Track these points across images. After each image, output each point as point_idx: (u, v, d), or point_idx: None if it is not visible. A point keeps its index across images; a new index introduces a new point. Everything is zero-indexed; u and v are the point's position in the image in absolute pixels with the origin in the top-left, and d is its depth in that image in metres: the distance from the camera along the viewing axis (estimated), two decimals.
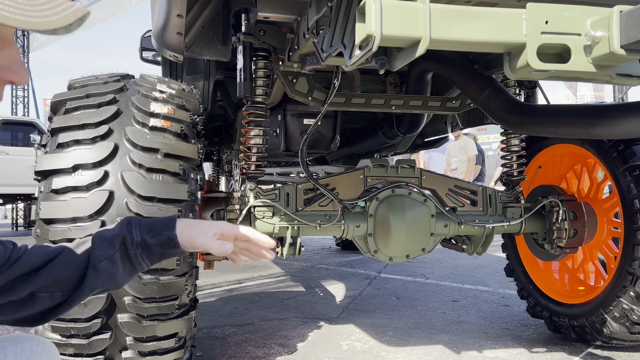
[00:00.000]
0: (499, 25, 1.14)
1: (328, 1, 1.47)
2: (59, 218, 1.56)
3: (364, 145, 3.63)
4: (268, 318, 3.21)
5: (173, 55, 1.82)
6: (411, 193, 2.35)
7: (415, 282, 4.37)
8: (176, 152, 1.75)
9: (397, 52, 1.25)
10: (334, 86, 2.27)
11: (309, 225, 2.27)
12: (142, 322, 1.65)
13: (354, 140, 3.56)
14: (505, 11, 1.15)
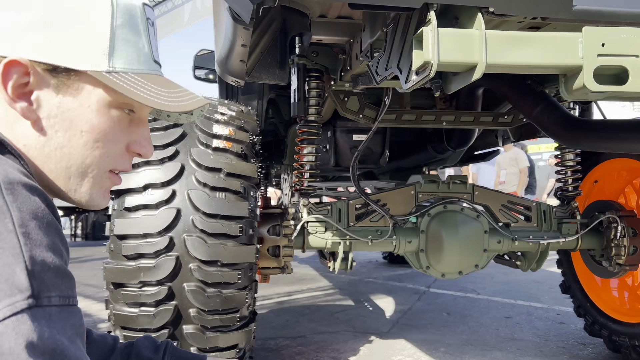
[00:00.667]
0: (554, 49, 1.16)
1: (383, 26, 1.53)
2: (131, 234, 1.68)
3: (413, 160, 3.65)
4: (319, 331, 3.26)
5: (235, 81, 1.92)
6: (463, 209, 2.36)
7: (466, 298, 4.32)
8: (237, 171, 1.85)
9: (453, 75, 1.29)
10: (385, 104, 2.32)
11: (361, 240, 2.31)
12: (206, 333, 1.73)
13: (403, 154, 3.59)
14: (561, 35, 1.17)
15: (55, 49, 0.62)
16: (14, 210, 0.49)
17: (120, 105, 0.66)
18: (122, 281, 1.68)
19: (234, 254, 1.76)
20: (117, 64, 0.64)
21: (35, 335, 0.46)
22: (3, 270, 0.46)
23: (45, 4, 0.62)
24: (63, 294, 0.51)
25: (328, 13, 1.89)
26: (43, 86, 0.63)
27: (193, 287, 1.69)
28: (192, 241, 1.69)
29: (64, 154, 0.64)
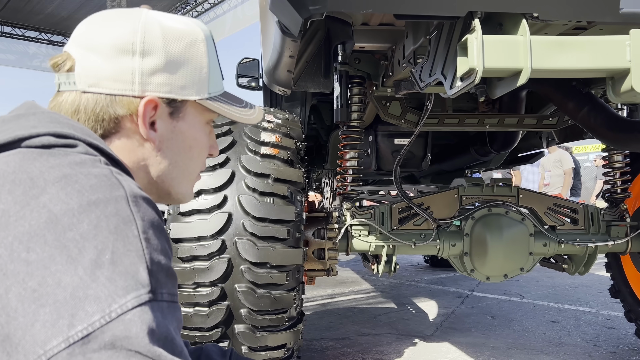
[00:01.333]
0: (601, 53, 1.17)
1: (426, 33, 1.56)
2: (186, 237, 1.76)
3: (455, 163, 3.64)
4: (363, 333, 3.29)
5: (282, 90, 1.99)
6: (508, 212, 2.35)
7: (511, 302, 4.26)
8: (284, 176, 1.91)
9: (498, 81, 1.31)
10: (427, 108, 2.34)
11: (404, 243, 2.34)
12: (256, 332, 1.80)
13: (445, 157, 3.58)
14: (608, 39, 1.18)
15: (173, 86, 0.76)
16: (138, 219, 0.57)
17: (210, 121, 0.82)
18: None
19: (282, 257, 1.82)
20: (211, 89, 0.78)
21: (154, 324, 0.53)
22: (130, 268, 0.54)
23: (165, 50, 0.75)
24: (171, 291, 0.59)
25: (370, 21, 1.93)
26: (163, 115, 0.76)
27: (244, 288, 1.76)
28: (242, 244, 1.77)
29: (176, 166, 0.78)
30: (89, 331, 0.50)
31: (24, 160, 0.59)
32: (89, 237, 0.53)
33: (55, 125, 0.65)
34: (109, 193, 0.57)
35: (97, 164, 0.61)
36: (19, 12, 12.92)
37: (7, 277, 0.51)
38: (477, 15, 1.21)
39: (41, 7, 12.66)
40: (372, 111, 2.63)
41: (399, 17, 1.27)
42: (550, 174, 8.25)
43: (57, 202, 0.55)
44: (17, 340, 0.50)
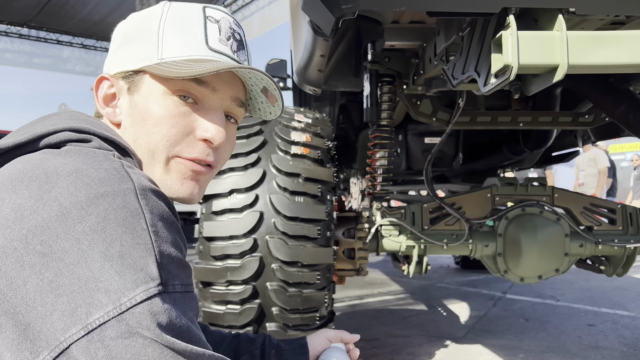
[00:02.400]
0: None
1: (458, 30, 1.54)
2: (218, 236, 1.79)
3: (487, 162, 3.58)
4: (393, 334, 3.27)
5: (313, 90, 2.00)
6: (543, 212, 2.30)
7: (545, 304, 4.17)
8: (315, 176, 1.92)
9: (533, 77, 1.28)
10: (459, 106, 2.31)
11: (436, 244, 2.32)
12: (288, 331, 1.81)
13: (477, 156, 3.53)
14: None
15: (125, 60, 0.75)
16: (146, 212, 0.58)
17: (177, 92, 0.71)
18: (210, 280, 1.79)
19: (313, 255, 1.82)
20: (165, 55, 0.72)
21: (166, 316, 0.55)
22: (139, 262, 0.55)
23: (123, 32, 0.77)
24: (184, 282, 0.60)
25: (401, 19, 1.92)
26: (122, 92, 0.75)
27: (275, 286, 1.77)
28: (274, 242, 1.78)
29: (138, 145, 0.72)
30: (105, 319, 0.52)
31: (43, 159, 0.61)
32: (98, 230, 0.55)
33: (73, 122, 0.68)
34: (117, 186, 0.58)
35: (109, 158, 0.63)
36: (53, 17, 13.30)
37: (24, 269, 0.53)
38: (512, 11, 1.19)
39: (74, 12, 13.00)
40: (402, 110, 2.61)
41: (432, 14, 1.26)
42: (585, 173, 8.04)
43: (66, 195, 0.56)
44: (38, 329, 0.52)
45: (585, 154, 7.95)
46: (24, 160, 0.62)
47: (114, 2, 12.39)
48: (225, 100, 0.75)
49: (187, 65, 0.69)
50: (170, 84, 0.71)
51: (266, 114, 0.83)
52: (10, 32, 14.35)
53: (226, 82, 0.74)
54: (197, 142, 0.72)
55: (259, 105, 0.82)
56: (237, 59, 0.75)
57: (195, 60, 0.71)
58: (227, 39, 0.75)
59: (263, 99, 0.79)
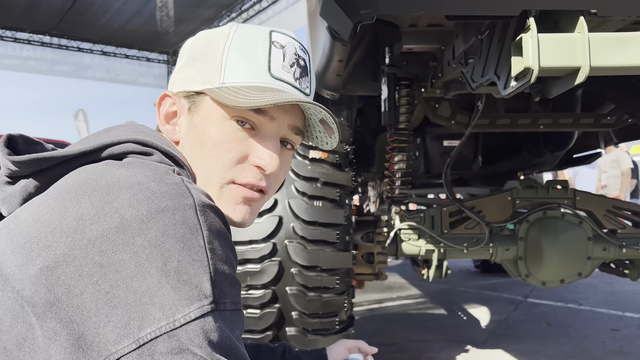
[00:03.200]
0: None
1: (477, 33, 1.53)
2: (238, 240, 1.80)
3: (507, 165, 3.55)
4: (412, 339, 3.25)
5: (330, 94, 2.01)
6: (565, 215, 2.27)
7: (567, 309, 4.11)
8: (333, 180, 1.92)
9: (554, 80, 1.27)
10: (478, 109, 2.29)
11: (456, 248, 2.30)
12: (307, 335, 1.82)
13: (497, 159, 3.50)
14: None
15: (189, 80, 0.75)
16: (204, 229, 0.58)
17: (236, 118, 0.72)
18: None
19: (332, 260, 1.83)
20: (226, 79, 0.71)
21: (216, 334, 0.55)
22: (195, 279, 0.56)
23: (190, 50, 0.78)
24: (234, 300, 0.60)
25: (419, 23, 1.91)
26: (183, 111, 0.76)
27: (295, 290, 1.78)
28: (293, 247, 1.79)
29: (194, 165, 0.73)
30: (157, 334, 0.52)
31: (106, 169, 0.62)
32: (157, 245, 0.55)
33: (137, 134, 0.69)
34: (178, 201, 0.58)
35: (169, 173, 0.63)
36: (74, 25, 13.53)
37: (82, 278, 0.54)
38: (532, 14, 1.18)
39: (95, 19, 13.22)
40: (420, 113, 2.60)
41: (451, 18, 1.26)
42: (607, 175, 7.90)
43: (128, 208, 0.57)
44: (91, 338, 0.53)
45: (607, 156, 7.80)
46: (88, 169, 0.63)
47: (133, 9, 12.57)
48: (283, 129, 0.75)
49: (247, 94, 0.69)
50: (229, 109, 0.71)
51: (323, 143, 0.82)
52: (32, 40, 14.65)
53: (285, 111, 0.74)
54: (250, 167, 0.73)
55: (316, 133, 0.80)
56: (299, 86, 0.75)
57: (255, 88, 0.71)
58: (290, 65, 0.74)
59: (321, 128, 0.78)
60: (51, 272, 0.55)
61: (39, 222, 0.58)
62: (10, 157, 0.66)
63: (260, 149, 0.72)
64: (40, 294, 0.54)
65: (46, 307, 0.54)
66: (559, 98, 2.58)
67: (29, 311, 0.55)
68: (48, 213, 0.59)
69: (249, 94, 0.69)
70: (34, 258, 0.56)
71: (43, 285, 0.54)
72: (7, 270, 0.57)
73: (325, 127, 0.77)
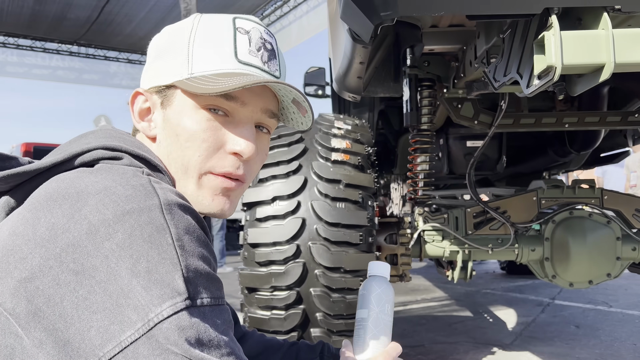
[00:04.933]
0: None
1: (499, 32, 1.53)
2: (262, 242, 1.82)
3: (532, 165, 3.50)
4: (438, 341, 3.23)
5: (352, 97, 2.02)
6: (592, 214, 2.23)
7: (597, 310, 4.02)
8: (355, 182, 1.93)
9: (578, 78, 1.26)
10: (501, 109, 2.27)
11: (480, 249, 2.28)
12: (332, 337, 1.82)
13: (521, 159, 3.45)
14: None
15: (158, 75, 0.76)
16: (172, 226, 0.58)
17: (208, 107, 0.72)
18: (255, 286, 1.83)
19: (355, 261, 1.83)
20: (194, 69, 0.71)
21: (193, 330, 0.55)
22: (165, 277, 0.56)
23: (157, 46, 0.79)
24: (213, 295, 0.60)
25: (439, 23, 1.91)
26: (156, 106, 0.77)
27: (319, 292, 1.79)
28: (316, 249, 1.80)
29: (172, 159, 0.74)
30: (136, 337, 0.53)
31: (76, 177, 0.63)
32: (125, 247, 0.56)
33: (107, 140, 0.70)
34: (143, 202, 0.59)
35: (137, 175, 0.64)
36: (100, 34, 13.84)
37: (60, 287, 0.55)
38: (554, 12, 1.17)
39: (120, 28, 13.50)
40: (442, 114, 2.59)
41: (472, 17, 1.26)
42: (637, 174, 7.70)
43: (95, 213, 0.58)
44: (77, 345, 0.54)
45: (635, 155, 7.61)
46: (59, 179, 0.64)
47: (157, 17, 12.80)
48: (256, 113, 0.75)
49: (215, 81, 0.69)
50: (201, 98, 0.72)
51: (298, 124, 0.83)
52: (61, 50, 15.03)
53: (256, 95, 0.74)
54: (227, 155, 0.73)
55: (291, 115, 0.81)
56: (268, 69, 0.75)
57: (224, 75, 0.71)
58: (257, 49, 0.74)
59: (294, 109, 0.79)
60: (29, 283, 0.56)
61: (14, 234, 0.59)
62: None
63: (235, 136, 0.73)
64: (21, 306, 0.56)
65: (29, 317, 0.56)
66: (584, 96, 2.54)
67: (14, 322, 0.56)
68: (22, 225, 0.60)
69: (217, 80, 0.69)
70: (11, 271, 0.57)
71: (23, 296, 0.56)
72: None
73: (298, 107, 0.77)
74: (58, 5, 11.74)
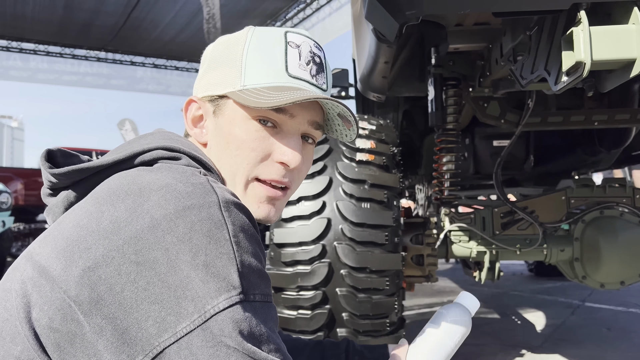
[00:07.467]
0: None
1: (526, 30, 1.51)
2: (288, 242, 1.84)
3: (561, 164, 3.43)
4: (465, 343, 3.13)
5: (377, 97, 2.02)
6: (623, 214, 2.18)
7: (629, 313, 3.92)
8: (380, 182, 1.93)
9: (608, 73, 1.24)
10: (529, 107, 2.24)
11: (508, 249, 2.25)
12: (358, 337, 1.82)
13: (549, 158, 3.39)
14: None
15: (212, 85, 0.79)
16: (229, 223, 0.61)
17: (258, 118, 0.75)
18: (281, 286, 1.84)
19: (381, 261, 1.83)
20: (247, 82, 0.75)
21: (246, 323, 0.57)
22: (222, 271, 0.58)
23: (211, 56, 0.82)
24: (264, 292, 0.62)
25: (465, 22, 1.90)
26: (208, 114, 0.80)
27: (345, 292, 1.79)
28: (342, 249, 1.80)
29: (221, 165, 0.77)
30: (191, 328, 0.55)
31: (137, 175, 0.66)
32: (185, 240, 0.58)
33: (165, 141, 0.73)
34: (203, 199, 0.61)
35: (195, 174, 0.67)
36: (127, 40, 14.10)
37: (121, 277, 0.58)
38: (583, 7, 1.16)
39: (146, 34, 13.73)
40: (468, 113, 2.57)
41: (498, 15, 1.25)
42: None
43: (157, 208, 0.60)
44: (134, 333, 0.57)
45: None
46: (121, 176, 0.68)
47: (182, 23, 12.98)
48: (303, 125, 0.78)
49: (267, 94, 0.72)
50: (252, 110, 0.75)
51: (342, 135, 0.85)
52: (89, 57, 15.38)
53: (304, 108, 0.77)
54: (274, 164, 0.76)
55: (335, 127, 0.83)
56: (316, 83, 0.78)
57: (275, 88, 0.74)
58: (306, 63, 0.77)
59: (339, 121, 0.81)
60: (93, 272, 0.59)
61: (79, 226, 0.63)
62: (51, 170, 0.72)
63: (282, 146, 0.76)
64: (84, 293, 0.59)
65: (91, 305, 0.58)
66: (614, 93, 2.48)
67: (76, 309, 0.59)
68: (86, 218, 0.63)
69: (269, 95, 0.72)
70: (76, 260, 0.60)
71: (87, 284, 0.59)
72: (54, 273, 0.61)
73: (343, 120, 0.80)
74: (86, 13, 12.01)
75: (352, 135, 0.84)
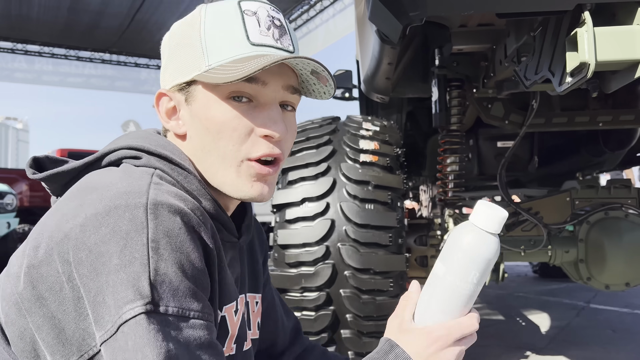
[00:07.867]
0: None
1: (530, 31, 1.51)
2: (292, 244, 1.84)
3: (565, 165, 3.42)
4: None
5: (380, 98, 2.02)
6: (628, 215, 2.17)
7: (634, 314, 3.91)
8: (384, 183, 1.92)
9: (613, 74, 1.23)
10: (533, 108, 2.23)
11: (512, 250, 2.24)
12: (362, 338, 1.82)
13: (554, 159, 3.38)
14: None
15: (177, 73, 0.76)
16: (151, 227, 0.57)
17: (231, 95, 0.72)
18: (285, 287, 1.84)
19: (385, 262, 1.83)
20: (211, 61, 0.71)
21: (151, 337, 0.53)
22: (132, 277, 0.55)
23: (169, 45, 0.78)
24: (182, 306, 0.57)
25: (468, 23, 1.90)
26: (181, 104, 0.77)
27: (349, 293, 1.79)
28: (346, 250, 1.80)
29: (206, 152, 0.73)
30: (105, 338, 0.55)
31: (96, 174, 0.68)
32: (105, 241, 0.57)
33: (133, 140, 0.73)
34: (132, 199, 0.59)
35: (144, 175, 0.65)
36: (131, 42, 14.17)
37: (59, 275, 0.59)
38: (587, 8, 1.15)
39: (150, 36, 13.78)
40: (472, 114, 2.56)
41: (502, 16, 1.25)
42: None
43: (90, 207, 0.60)
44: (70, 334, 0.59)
45: None
46: (87, 176, 0.69)
47: None
48: (278, 92, 0.74)
49: (234, 67, 0.69)
50: (223, 88, 0.71)
51: (320, 94, 0.81)
52: (94, 58, 15.45)
53: (275, 74, 0.73)
54: (259, 139, 0.72)
55: (312, 87, 0.79)
56: (282, 46, 0.74)
57: (240, 60, 0.70)
58: (267, 28, 0.73)
59: (314, 80, 0.77)
60: (36, 270, 0.60)
61: (40, 223, 0.65)
62: (33, 176, 0.73)
63: (263, 119, 0.73)
64: (28, 290, 0.60)
65: (31, 302, 0.59)
66: (619, 94, 2.47)
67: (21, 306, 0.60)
68: (46, 215, 0.65)
69: (235, 67, 0.69)
70: (27, 256, 0.62)
71: (29, 282, 0.60)
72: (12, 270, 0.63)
73: (318, 77, 0.76)
74: (91, 15, 12.07)
75: (330, 91, 0.79)
